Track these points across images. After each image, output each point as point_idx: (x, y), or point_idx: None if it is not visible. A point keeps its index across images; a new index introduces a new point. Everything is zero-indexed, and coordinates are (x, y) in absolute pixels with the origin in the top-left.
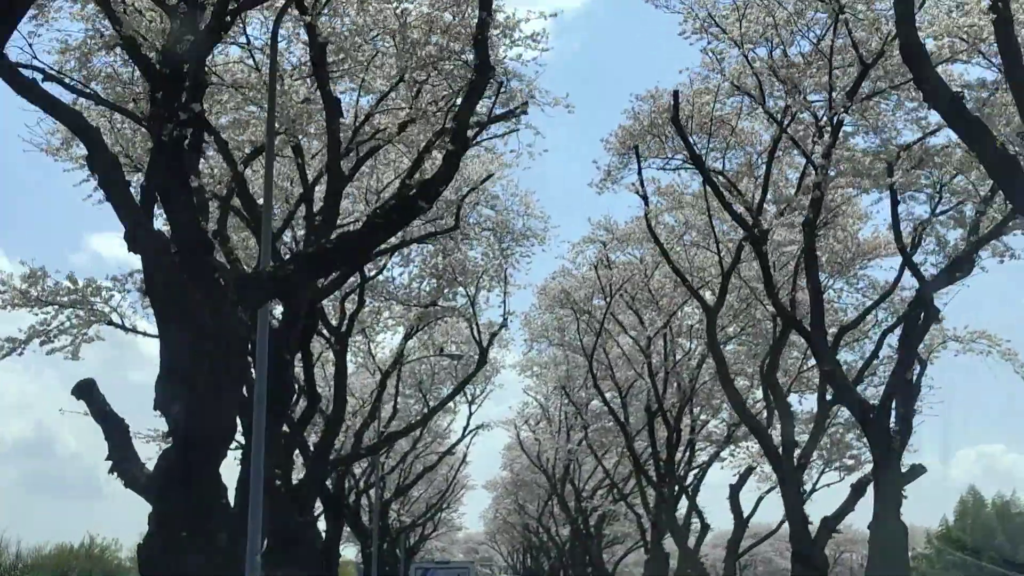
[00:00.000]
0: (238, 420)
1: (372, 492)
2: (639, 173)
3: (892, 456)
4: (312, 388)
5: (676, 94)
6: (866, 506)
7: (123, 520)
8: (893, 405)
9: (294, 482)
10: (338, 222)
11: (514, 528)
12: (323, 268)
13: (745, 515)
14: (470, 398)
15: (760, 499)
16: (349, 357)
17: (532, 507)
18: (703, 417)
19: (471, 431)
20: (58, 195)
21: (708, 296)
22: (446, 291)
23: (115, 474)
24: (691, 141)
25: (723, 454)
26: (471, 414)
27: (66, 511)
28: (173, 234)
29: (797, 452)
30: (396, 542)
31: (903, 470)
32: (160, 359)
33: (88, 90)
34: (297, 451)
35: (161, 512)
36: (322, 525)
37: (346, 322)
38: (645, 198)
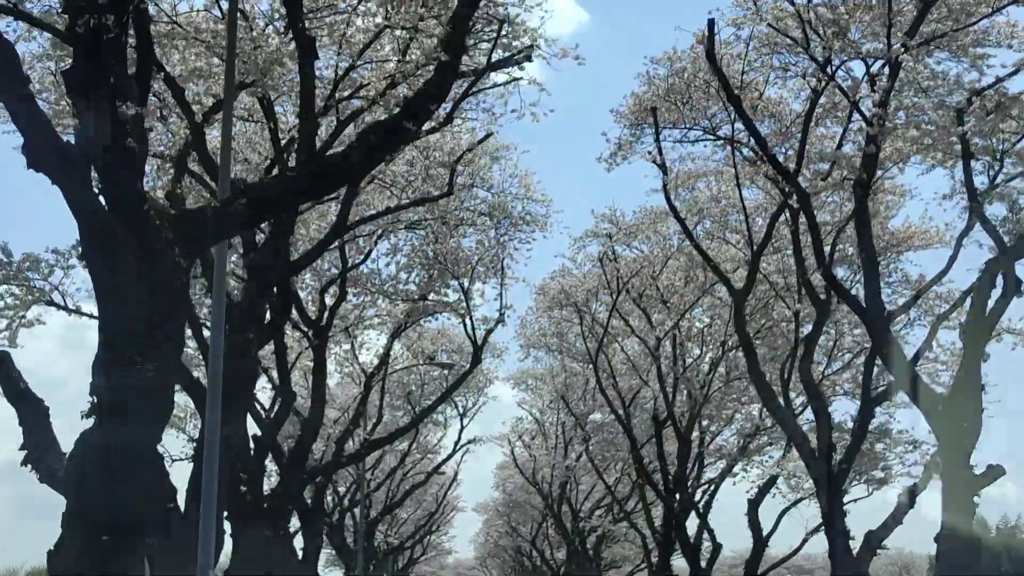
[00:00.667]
0: (186, 399)
1: (357, 511)
2: (656, 138)
3: (962, 455)
4: (286, 384)
5: (711, 24)
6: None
7: None
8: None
9: (266, 491)
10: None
11: (506, 552)
12: (282, 204)
13: (764, 534)
14: (461, 411)
15: (783, 513)
16: (332, 366)
17: (525, 530)
18: (712, 428)
19: (463, 446)
20: None
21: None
22: (437, 284)
23: (29, 467)
24: (727, 78)
25: (735, 469)
26: (463, 428)
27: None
28: (88, 145)
29: (837, 458)
30: (383, 565)
31: (976, 471)
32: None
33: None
34: (270, 457)
35: (76, 512)
36: (299, 543)
37: (326, 314)
38: (664, 167)
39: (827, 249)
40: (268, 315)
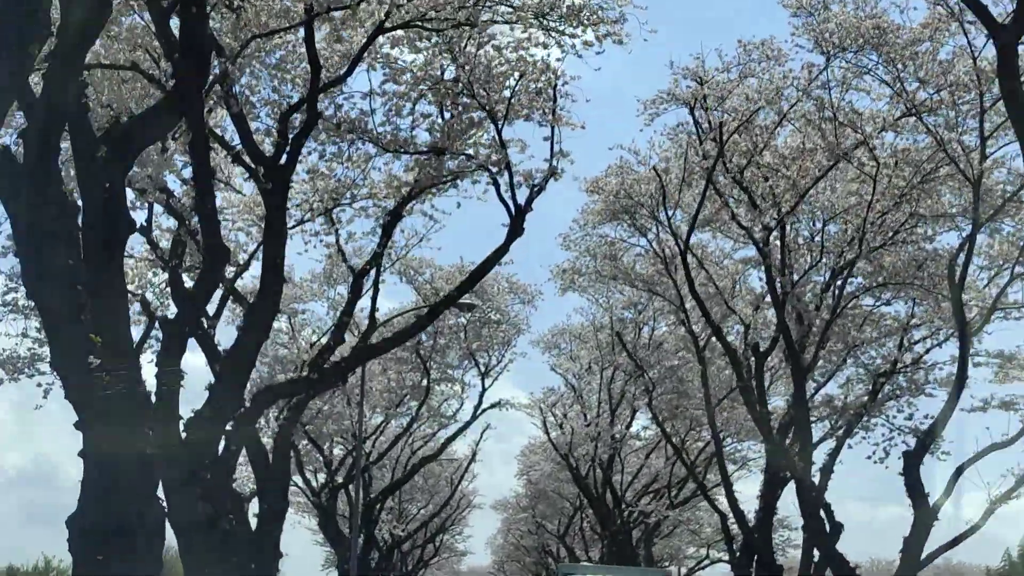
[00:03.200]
0: None
1: (352, 489)
2: None
3: None
4: (215, 239)
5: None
6: None
7: None
8: None
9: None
10: None
11: (528, 554)
12: None
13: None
14: (483, 369)
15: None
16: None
17: (552, 526)
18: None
19: (484, 410)
20: None
21: None
22: (458, 130)
23: None
24: None
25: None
26: (484, 390)
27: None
28: None
29: None
30: (388, 560)
31: None
32: None
33: None
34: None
35: None
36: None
37: (287, 152)
38: None
39: None
40: None
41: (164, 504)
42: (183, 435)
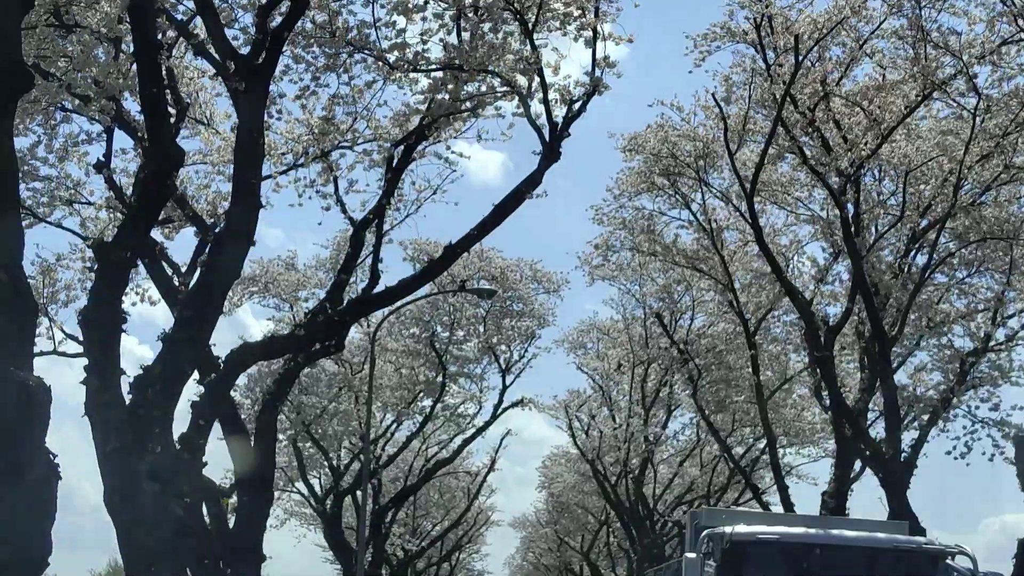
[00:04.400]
0: None
1: (360, 495)
2: None
3: None
4: (164, 143)
5: None
6: None
7: None
8: None
9: None
10: None
11: (549, 574)
12: None
13: None
14: (504, 365)
15: None
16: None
17: (575, 542)
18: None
19: (505, 408)
20: None
21: None
22: (482, 46)
23: None
24: None
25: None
26: (505, 388)
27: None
28: None
29: None
30: None
31: None
32: None
33: None
34: None
35: None
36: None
37: (265, 49)
38: None
39: None
40: None
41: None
42: (126, 399)
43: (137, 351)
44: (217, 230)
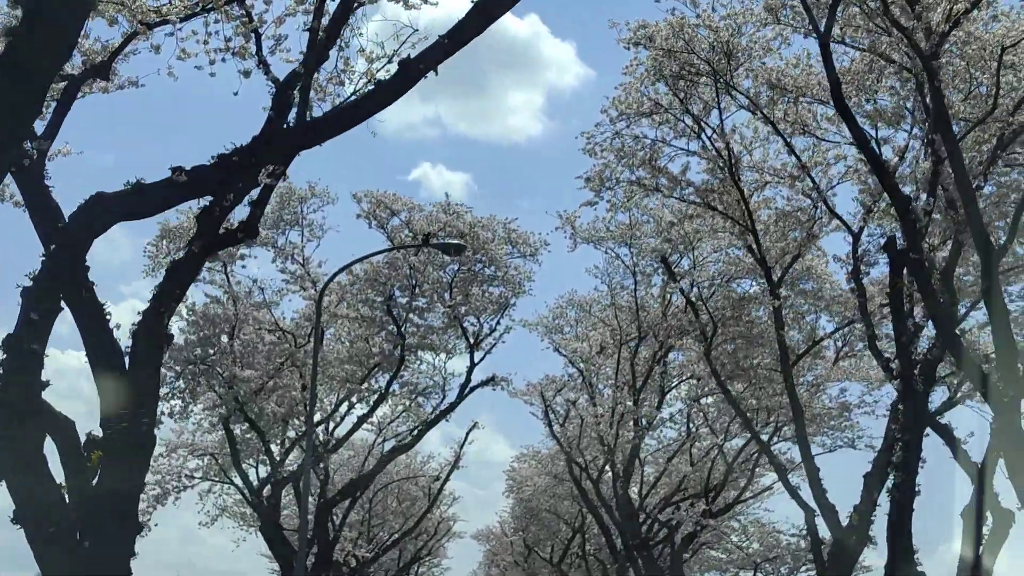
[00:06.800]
0: None
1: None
2: None
3: None
4: None
5: None
6: None
7: None
8: None
9: None
10: None
11: None
12: None
13: None
14: (473, 339)
15: None
16: None
17: (545, 552)
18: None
19: (473, 387)
20: None
21: None
22: None
23: None
24: None
25: None
26: (473, 365)
27: None
28: None
29: None
30: None
31: None
32: None
33: None
34: None
35: None
36: None
37: None
38: None
39: None
40: None
41: None
42: None
43: None
44: None
